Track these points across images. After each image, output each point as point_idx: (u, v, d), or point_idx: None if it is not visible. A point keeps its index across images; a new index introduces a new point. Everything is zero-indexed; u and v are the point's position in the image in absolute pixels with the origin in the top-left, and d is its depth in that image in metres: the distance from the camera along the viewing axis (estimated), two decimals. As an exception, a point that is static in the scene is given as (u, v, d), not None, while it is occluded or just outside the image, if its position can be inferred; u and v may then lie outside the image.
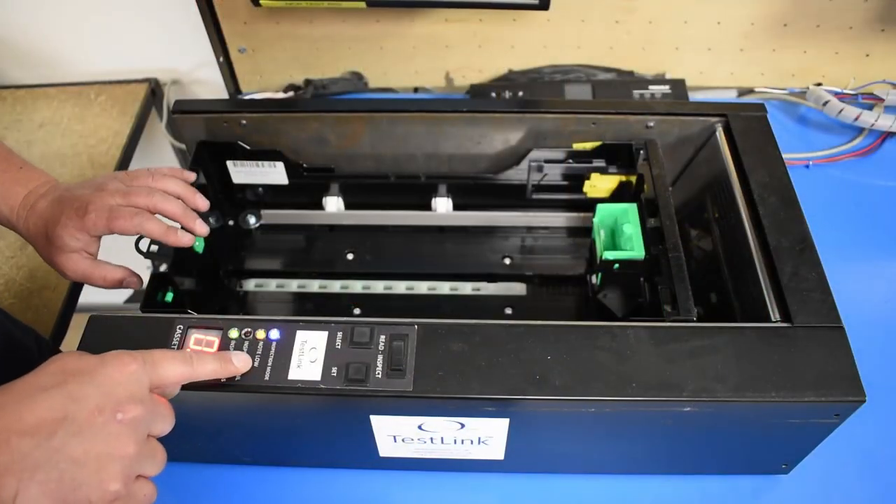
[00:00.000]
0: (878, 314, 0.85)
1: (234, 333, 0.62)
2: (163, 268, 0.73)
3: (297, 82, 1.20)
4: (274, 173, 0.89)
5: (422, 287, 0.87)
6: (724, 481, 0.72)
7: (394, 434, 0.65)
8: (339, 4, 1.02)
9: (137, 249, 0.73)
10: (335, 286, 0.88)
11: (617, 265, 0.76)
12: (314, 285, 0.88)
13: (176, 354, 0.56)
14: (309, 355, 0.60)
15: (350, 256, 0.90)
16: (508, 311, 0.85)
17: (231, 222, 0.92)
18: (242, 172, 0.89)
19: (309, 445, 0.70)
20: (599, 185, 0.86)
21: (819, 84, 1.13)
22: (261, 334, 0.62)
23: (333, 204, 0.92)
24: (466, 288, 0.87)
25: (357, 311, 0.86)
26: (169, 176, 0.74)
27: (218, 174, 0.89)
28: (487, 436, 0.64)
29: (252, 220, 0.92)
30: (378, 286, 0.88)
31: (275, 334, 0.62)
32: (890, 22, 1.05)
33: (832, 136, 1.07)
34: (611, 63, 1.14)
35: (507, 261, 0.89)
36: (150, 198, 0.70)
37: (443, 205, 0.91)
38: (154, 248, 0.72)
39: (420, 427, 0.63)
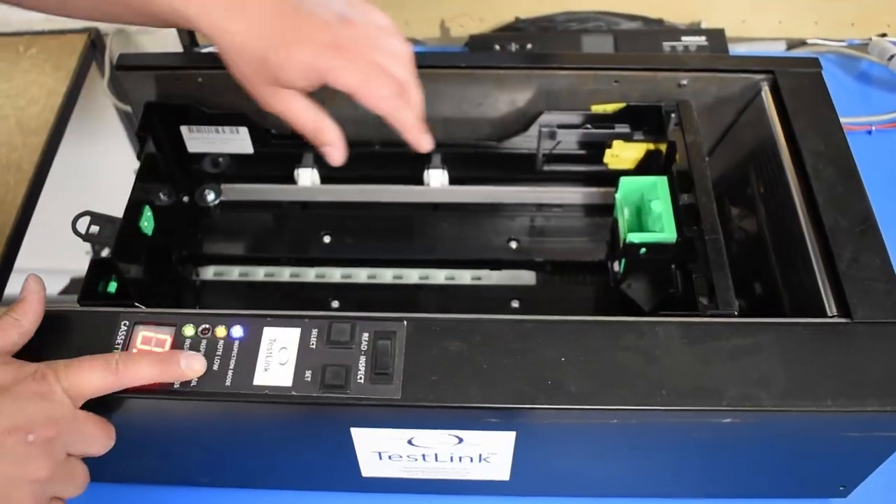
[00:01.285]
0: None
1: (189, 331, 0.62)
2: (104, 252, 0.73)
3: (264, 32, 1.19)
4: (236, 140, 0.88)
5: (412, 276, 0.87)
6: (770, 505, 0.72)
7: (379, 450, 0.65)
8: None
9: (74, 230, 0.72)
10: (309, 274, 0.88)
11: (644, 249, 0.76)
12: (284, 273, 0.88)
13: (96, 361, 0.56)
14: (278, 356, 0.60)
15: (327, 239, 0.90)
16: (515, 303, 0.85)
17: (186, 198, 0.92)
18: (199, 139, 0.88)
19: (278, 464, 0.70)
20: (623, 154, 0.86)
21: (883, 35, 1.13)
22: (221, 332, 0.61)
23: (307, 177, 0.92)
24: (465, 277, 0.87)
25: (335, 304, 0.86)
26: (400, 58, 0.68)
27: (170, 141, 0.88)
28: (490, 452, 0.64)
29: (211, 195, 0.92)
30: (360, 275, 0.88)
31: (237, 331, 0.62)
32: (968, -39, 1.05)
33: (899, 97, 1.07)
34: (636, 10, 1.13)
35: (514, 244, 0.89)
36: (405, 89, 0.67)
37: (437, 178, 0.90)
38: (94, 228, 0.72)
39: (410, 442, 0.63)
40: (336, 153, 0.69)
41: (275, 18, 0.63)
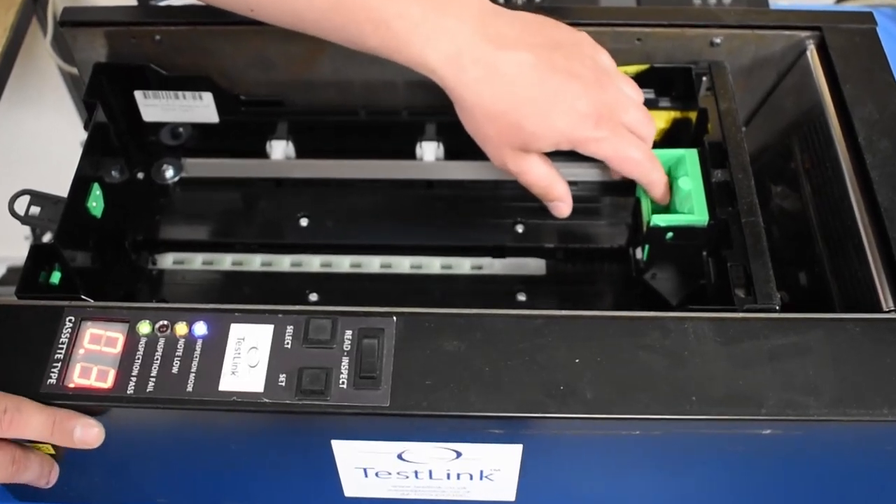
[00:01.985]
0: None
1: (144, 328, 0.61)
2: (47, 237, 0.73)
3: (231, -17, 1.19)
4: (199, 108, 0.88)
5: (403, 264, 0.87)
6: (816, 530, 0.72)
7: (364, 466, 0.65)
8: None
9: (12, 212, 0.72)
10: (284, 263, 0.88)
11: (670, 234, 0.76)
12: (255, 262, 0.88)
13: None
14: (248, 358, 0.60)
15: (304, 222, 0.90)
16: (521, 296, 0.85)
17: (141, 175, 0.91)
18: (156, 106, 0.88)
19: (247, 481, 0.70)
20: None
21: (947, -14, 1.13)
22: (181, 329, 0.61)
23: (281, 150, 0.92)
24: (464, 265, 0.87)
25: (314, 296, 0.85)
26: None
27: (123, 109, 0.88)
28: (493, 468, 0.64)
29: (169, 171, 0.92)
30: (343, 263, 0.88)
31: (201, 329, 0.61)
32: None
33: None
34: (662, -43, 1.13)
35: (520, 228, 0.89)
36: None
37: (432, 151, 0.90)
38: (35, 209, 0.72)
39: (400, 456, 0.63)
40: (564, 207, 0.77)
41: (532, 83, 0.68)
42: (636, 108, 0.74)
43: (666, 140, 0.86)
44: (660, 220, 0.75)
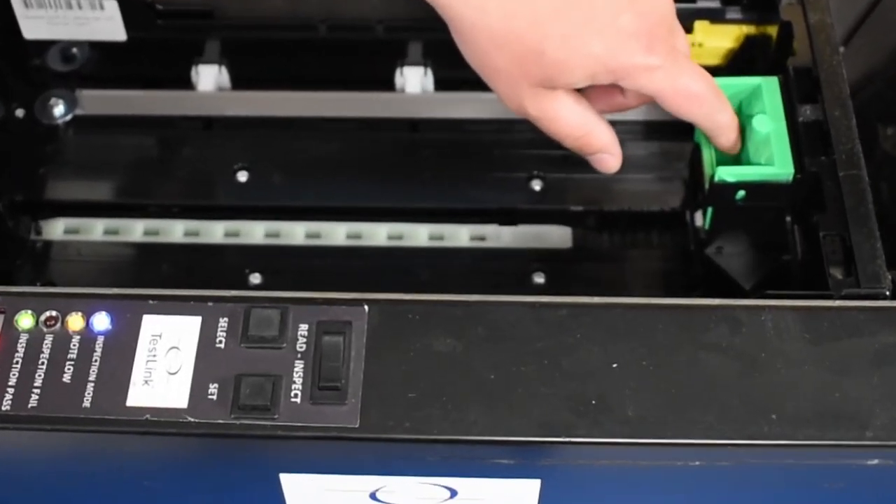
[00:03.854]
0: None
1: (25, 321, 0.61)
2: None
3: None
4: (100, 21, 0.88)
5: (378, 234, 0.87)
6: None
7: (325, 508, 0.65)
8: None
9: None
10: (215, 232, 0.88)
11: (742, 193, 0.76)
12: (176, 230, 0.88)
13: None
14: (166, 361, 0.60)
15: (242, 177, 0.90)
16: (539, 278, 0.85)
17: (20, 112, 0.91)
18: (42, 18, 0.88)
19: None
20: (709, 42, 0.87)
21: None
22: (76, 322, 0.61)
23: (211, 78, 0.92)
24: (461, 235, 0.88)
25: (256, 278, 0.86)
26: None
27: (-4, 23, 0.88)
28: (500, 511, 0.64)
29: (60, 108, 0.92)
30: (295, 232, 0.88)
31: (102, 322, 0.61)
32: None
33: None
34: None
35: (537, 185, 0.89)
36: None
37: (417, 79, 0.91)
38: None
39: (374, 496, 0.64)
40: (612, 160, 0.75)
41: (556, 8, 0.66)
42: (680, 27, 0.73)
43: (735, 65, 0.86)
44: (728, 173, 0.75)
